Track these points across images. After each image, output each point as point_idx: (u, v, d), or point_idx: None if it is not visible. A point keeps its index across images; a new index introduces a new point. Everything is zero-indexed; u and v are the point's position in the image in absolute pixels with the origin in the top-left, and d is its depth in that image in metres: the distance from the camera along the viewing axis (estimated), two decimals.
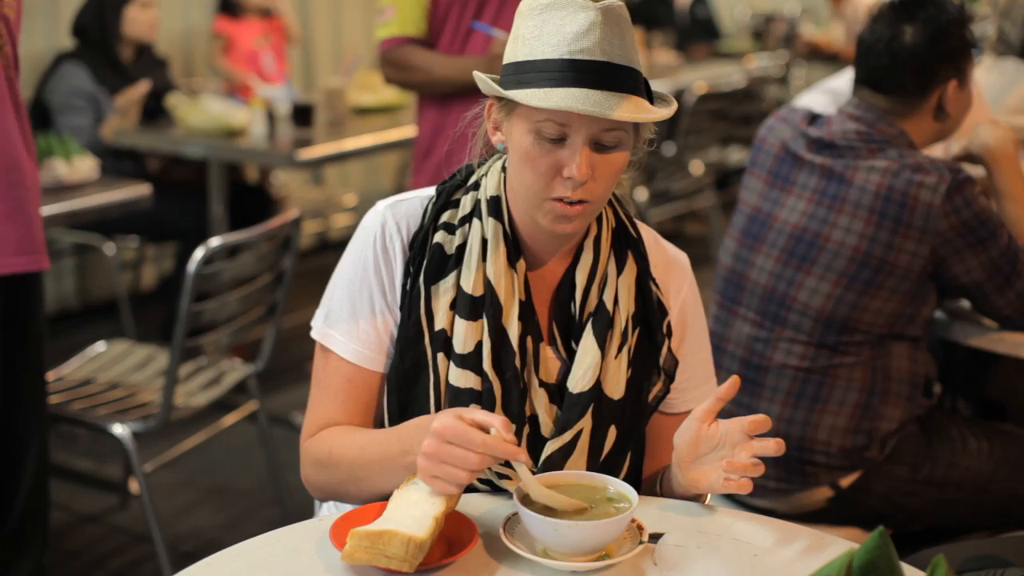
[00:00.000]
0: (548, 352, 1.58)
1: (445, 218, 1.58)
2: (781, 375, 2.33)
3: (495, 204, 1.56)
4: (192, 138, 4.17)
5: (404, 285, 1.57)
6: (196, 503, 3.45)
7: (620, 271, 1.59)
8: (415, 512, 1.34)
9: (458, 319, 1.53)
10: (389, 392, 1.58)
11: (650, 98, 1.49)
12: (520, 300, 1.55)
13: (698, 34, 7.32)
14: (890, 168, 2.23)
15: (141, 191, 3.39)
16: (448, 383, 1.53)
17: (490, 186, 1.58)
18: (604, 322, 1.56)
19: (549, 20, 1.44)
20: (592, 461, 1.56)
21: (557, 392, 1.56)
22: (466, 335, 1.53)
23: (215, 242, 2.69)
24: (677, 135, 5.32)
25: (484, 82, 1.50)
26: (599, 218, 1.60)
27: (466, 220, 1.57)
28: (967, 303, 2.38)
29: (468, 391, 1.52)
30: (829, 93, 3.26)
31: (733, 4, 8.43)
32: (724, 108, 5.64)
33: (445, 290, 1.55)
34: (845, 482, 2.32)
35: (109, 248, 4.35)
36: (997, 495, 2.34)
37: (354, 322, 1.58)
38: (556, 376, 1.58)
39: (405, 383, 1.56)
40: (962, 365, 2.76)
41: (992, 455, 2.34)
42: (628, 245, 1.62)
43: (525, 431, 1.54)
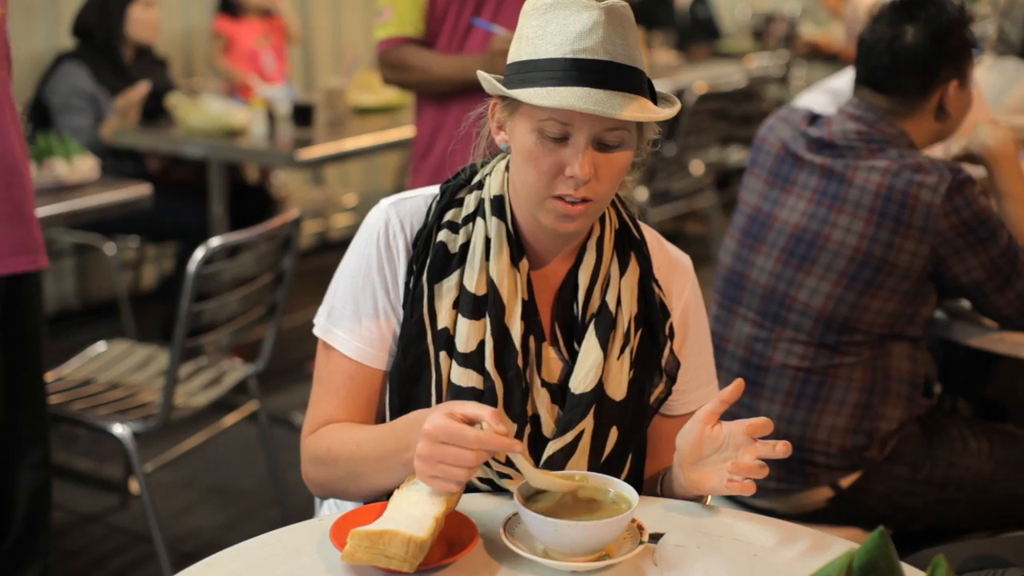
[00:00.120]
0: (550, 352, 1.58)
1: (449, 217, 1.58)
2: (781, 375, 2.33)
3: (498, 203, 1.57)
4: (192, 138, 4.17)
5: (407, 283, 1.57)
6: (196, 503, 3.45)
7: (623, 272, 1.59)
8: (415, 512, 1.34)
9: (461, 318, 1.53)
10: (391, 390, 1.58)
11: (654, 98, 1.49)
12: (523, 299, 1.55)
13: (698, 34, 7.31)
14: (890, 168, 2.23)
15: (141, 191, 3.39)
16: (450, 382, 1.53)
17: (494, 185, 1.58)
18: (607, 323, 1.56)
19: (553, 20, 1.44)
20: (593, 462, 1.56)
21: (559, 392, 1.56)
22: (468, 334, 1.53)
23: (215, 242, 2.69)
24: (677, 135, 5.32)
25: (487, 81, 1.50)
26: (602, 219, 1.60)
27: (470, 219, 1.57)
28: (967, 303, 2.38)
29: (470, 390, 1.52)
30: (829, 93, 3.27)
31: (733, 4, 8.42)
32: (724, 108, 5.64)
33: (448, 289, 1.55)
34: (845, 482, 2.32)
35: (109, 248, 4.35)
36: (997, 495, 2.34)
37: (357, 319, 1.58)
38: (558, 376, 1.58)
39: (407, 381, 1.56)
40: (962, 365, 2.76)
41: (992, 455, 2.34)
42: (631, 246, 1.62)
43: (527, 431, 1.55)
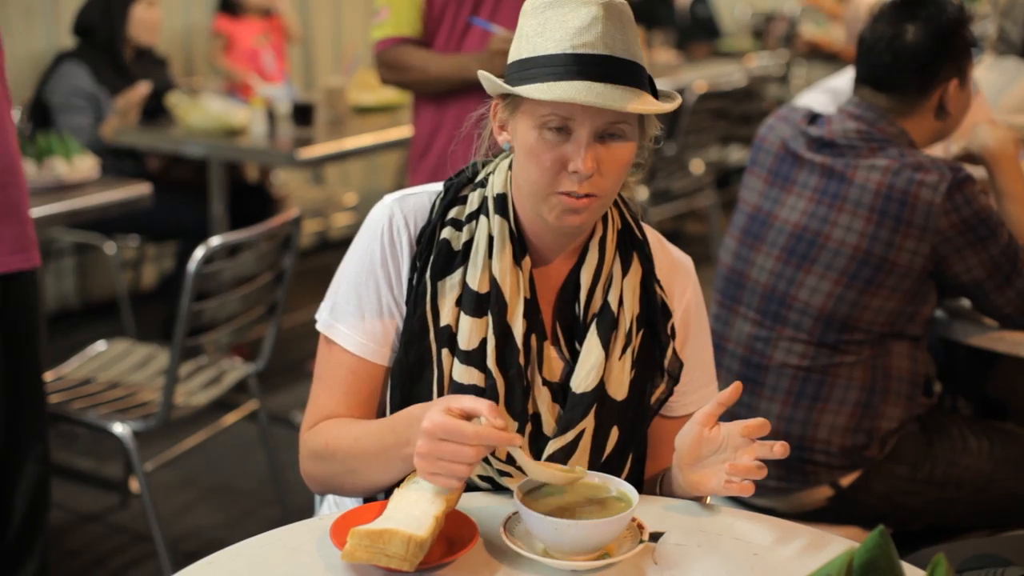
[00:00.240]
0: (551, 351, 1.58)
1: (453, 214, 1.58)
2: (781, 374, 2.33)
3: (501, 202, 1.57)
4: (192, 137, 4.17)
5: (410, 280, 1.57)
6: (196, 502, 3.45)
7: (625, 272, 1.59)
8: (415, 511, 1.34)
9: (463, 315, 1.54)
10: (392, 387, 1.58)
11: (654, 93, 1.49)
12: (525, 298, 1.55)
13: (698, 33, 7.31)
14: (891, 167, 2.23)
15: (141, 190, 3.39)
16: (452, 379, 1.53)
17: (497, 183, 1.58)
18: (608, 323, 1.56)
19: (552, 17, 1.45)
20: (594, 461, 1.56)
21: (560, 391, 1.57)
22: (471, 332, 1.53)
23: (215, 241, 2.69)
24: (677, 134, 5.32)
25: (488, 80, 1.50)
26: (605, 219, 1.60)
27: (473, 217, 1.57)
28: (967, 302, 2.38)
29: (471, 387, 1.52)
30: (829, 92, 3.27)
31: (733, 3, 8.43)
32: (724, 107, 5.64)
33: (451, 286, 1.55)
34: (845, 481, 2.32)
35: (109, 247, 4.35)
36: (997, 494, 2.34)
37: (359, 315, 1.58)
38: (559, 375, 1.58)
39: (409, 378, 1.56)
40: (963, 364, 2.76)
41: (992, 454, 2.34)
42: (633, 246, 1.62)
43: (527, 429, 1.55)
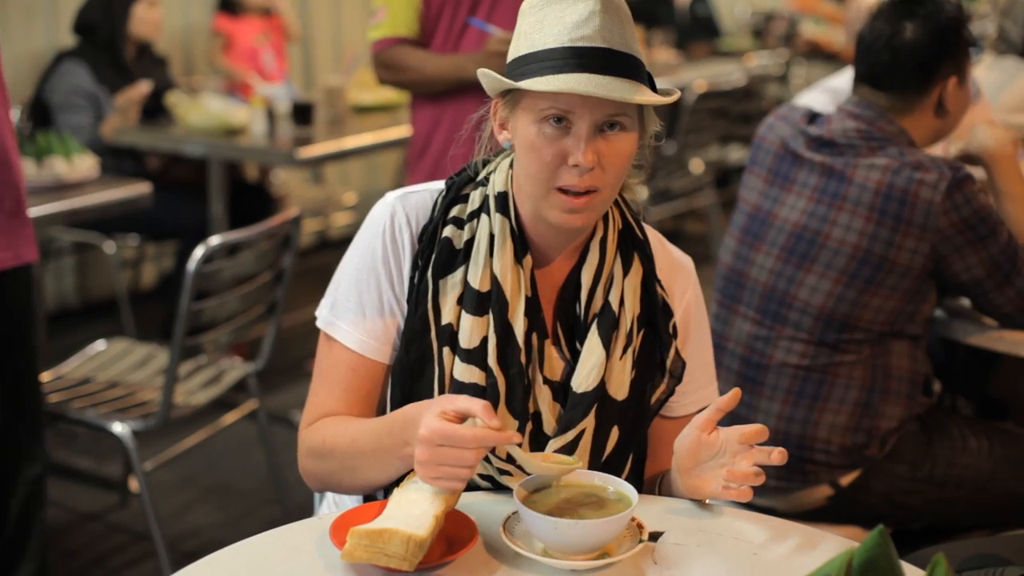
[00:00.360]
0: (552, 350, 1.58)
1: (454, 213, 1.58)
2: (781, 373, 2.33)
3: (502, 200, 1.57)
4: (192, 136, 4.17)
5: (412, 278, 1.57)
6: (196, 502, 3.45)
7: (626, 272, 1.59)
8: (415, 511, 1.34)
9: (464, 314, 1.54)
10: (393, 385, 1.58)
11: (653, 87, 1.50)
12: (526, 296, 1.55)
13: (698, 32, 7.31)
14: (890, 166, 2.23)
15: (141, 190, 3.39)
16: (453, 377, 1.53)
17: (498, 182, 1.58)
18: (609, 322, 1.56)
19: (550, 14, 1.46)
20: (594, 461, 1.56)
21: (560, 390, 1.57)
22: (472, 330, 1.53)
23: (215, 240, 2.69)
24: (677, 133, 5.32)
25: (487, 77, 1.50)
26: (605, 219, 1.60)
27: (475, 215, 1.58)
28: (967, 301, 2.38)
29: (472, 386, 1.52)
30: (829, 92, 3.26)
31: (733, 2, 8.42)
32: (724, 106, 5.64)
33: (453, 285, 1.55)
34: (845, 480, 2.32)
35: (109, 247, 4.35)
36: (997, 494, 2.34)
37: (360, 312, 1.58)
38: (560, 374, 1.58)
39: (410, 376, 1.56)
40: (963, 363, 2.76)
41: (992, 454, 2.34)
42: (634, 246, 1.62)
43: (528, 428, 1.55)
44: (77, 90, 4.31)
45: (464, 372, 1.53)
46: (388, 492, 1.56)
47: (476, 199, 1.59)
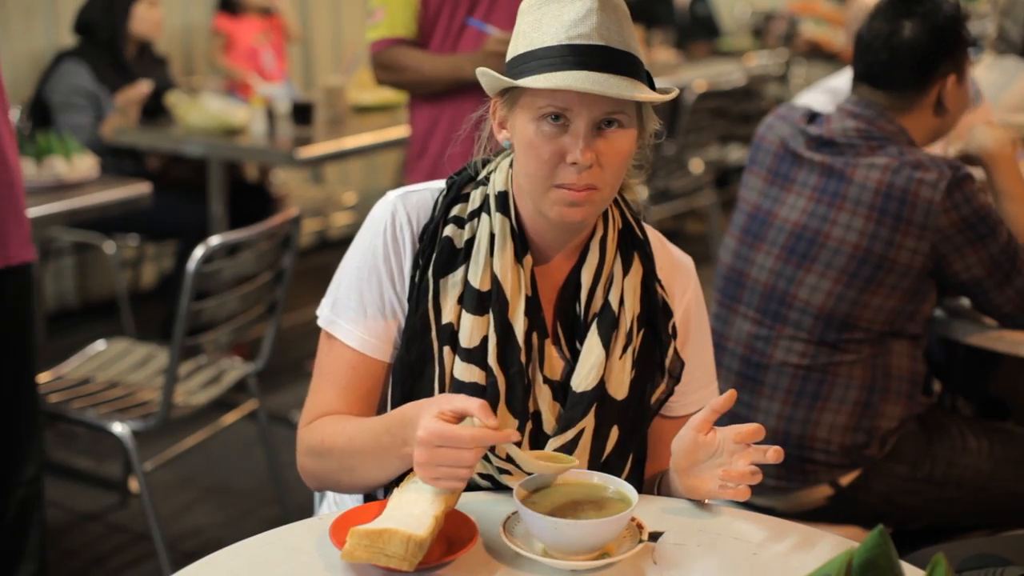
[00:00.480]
0: (552, 349, 1.59)
1: (455, 212, 1.58)
2: (781, 373, 2.33)
3: (502, 199, 1.57)
4: (192, 136, 4.17)
5: (413, 277, 1.57)
6: (196, 502, 3.45)
7: (626, 272, 1.60)
8: (415, 511, 1.34)
9: (464, 313, 1.54)
10: (394, 384, 1.58)
11: (651, 85, 1.50)
12: (526, 295, 1.55)
13: (698, 32, 7.31)
14: (890, 165, 2.23)
15: (141, 190, 3.39)
16: (453, 377, 1.53)
17: (498, 182, 1.59)
18: (609, 322, 1.56)
19: (548, 12, 1.47)
20: (594, 460, 1.56)
21: (560, 389, 1.57)
22: (472, 329, 1.53)
23: (215, 240, 2.69)
24: (677, 133, 5.32)
25: (486, 75, 1.50)
26: (605, 219, 1.60)
27: (475, 215, 1.58)
28: (967, 301, 2.38)
29: (472, 385, 1.52)
30: (829, 92, 3.26)
31: (733, 2, 8.42)
32: (724, 106, 5.64)
33: (454, 284, 1.55)
34: (845, 480, 2.32)
35: (109, 247, 4.34)
36: (997, 494, 2.34)
37: (361, 310, 1.58)
38: (560, 374, 1.58)
39: (410, 375, 1.56)
40: (963, 363, 2.76)
41: (992, 454, 2.34)
42: (634, 246, 1.62)
43: (528, 427, 1.55)
44: (77, 90, 4.31)
45: (464, 371, 1.53)
46: (388, 492, 1.56)
47: (476, 198, 1.59)
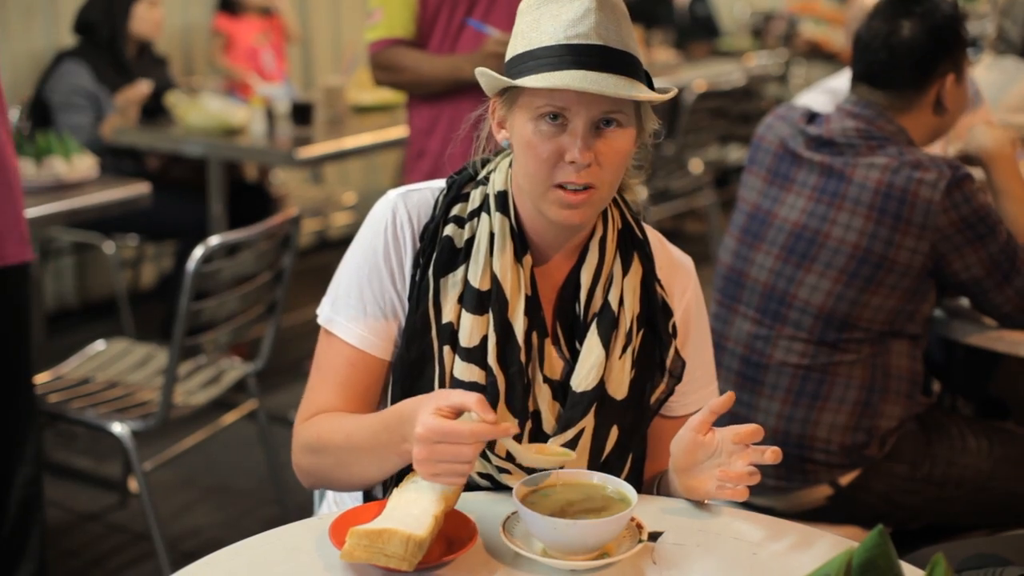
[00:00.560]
0: (552, 349, 1.59)
1: (455, 211, 1.58)
2: (781, 373, 2.33)
3: (502, 199, 1.57)
4: (191, 136, 4.17)
5: (413, 276, 1.57)
6: (195, 502, 3.45)
7: (626, 272, 1.60)
8: (414, 510, 1.34)
9: (464, 313, 1.54)
10: (394, 383, 1.58)
11: (650, 85, 1.50)
12: (526, 295, 1.55)
13: (697, 32, 7.31)
14: (890, 165, 2.23)
15: (140, 190, 3.39)
16: (453, 376, 1.53)
17: (498, 181, 1.59)
18: (608, 322, 1.56)
19: (546, 13, 1.47)
20: (593, 460, 1.56)
21: (560, 389, 1.57)
22: (472, 329, 1.53)
23: (214, 240, 2.69)
24: (676, 133, 5.32)
25: (485, 75, 1.50)
26: (605, 219, 1.60)
27: (475, 214, 1.58)
28: (967, 301, 2.38)
29: (472, 385, 1.52)
30: (829, 93, 3.26)
31: (732, 2, 8.42)
32: (723, 106, 5.64)
33: (454, 284, 1.55)
34: (844, 480, 2.32)
35: (108, 247, 4.34)
36: (996, 493, 2.34)
37: (361, 308, 1.58)
38: (560, 373, 1.58)
39: (410, 374, 1.56)
40: (963, 363, 2.76)
41: (992, 453, 2.34)
42: (634, 246, 1.62)
43: (528, 426, 1.55)
44: (77, 90, 4.30)
45: (464, 371, 1.53)
46: (387, 491, 1.56)
47: (476, 198, 1.59)
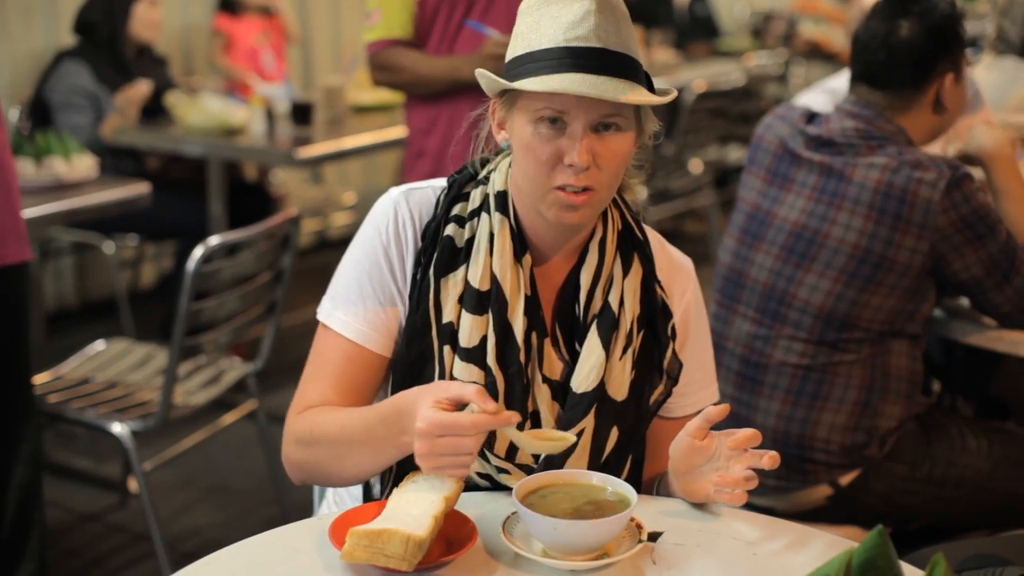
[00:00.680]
0: (552, 350, 1.58)
1: (456, 211, 1.58)
2: (781, 373, 2.33)
3: (502, 199, 1.57)
4: (191, 136, 4.17)
5: (415, 275, 1.57)
6: (195, 502, 3.45)
7: (626, 273, 1.59)
8: (414, 511, 1.34)
9: (464, 313, 1.54)
10: (393, 382, 1.57)
11: (650, 87, 1.50)
12: (526, 295, 1.55)
13: (697, 32, 7.31)
14: (889, 165, 2.23)
15: (140, 190, 3.39)
16: (452, 376, 1.53)
17: (498, 181, 1.59)
18: (609, 323, 1.56)
19: (546, 14, 1.47)
20: (593, 461, 1.56)
21: (560, 389, 1.57)
22: (471, 329, 1.53)
23: (214, 240, 2.69)
24: (676, 133, 5.32)
25: (484, 77, 1.50)
26: (605, 219, 1.60)
27: (475, 214, 1.58)
28: (966, 301, 2.38)
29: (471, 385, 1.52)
30: (829, 93, 3.26)
31: (732, 2, 8.42)
32: (723, 106, 5.64)
33: (455, 283, 1.55)
34: (844, 480, 2.32)
35: (108, 247, 4.34)
36: (996, 494, 2.34)
37: (360, 302, 1.57)
38: (560, 374, 1.58)
39: (410, 374, 1.56)
40: (963, 363, 2.76)
41: (991, 454, 2.34)
42: (634, 247, 1.62)
43: (527, 426, 1.55)
44: (77, 90, 4.30)
45: (463, 371, 1.53)
46: (385, 489, 1.56)
47: (477, 197, 1.59)
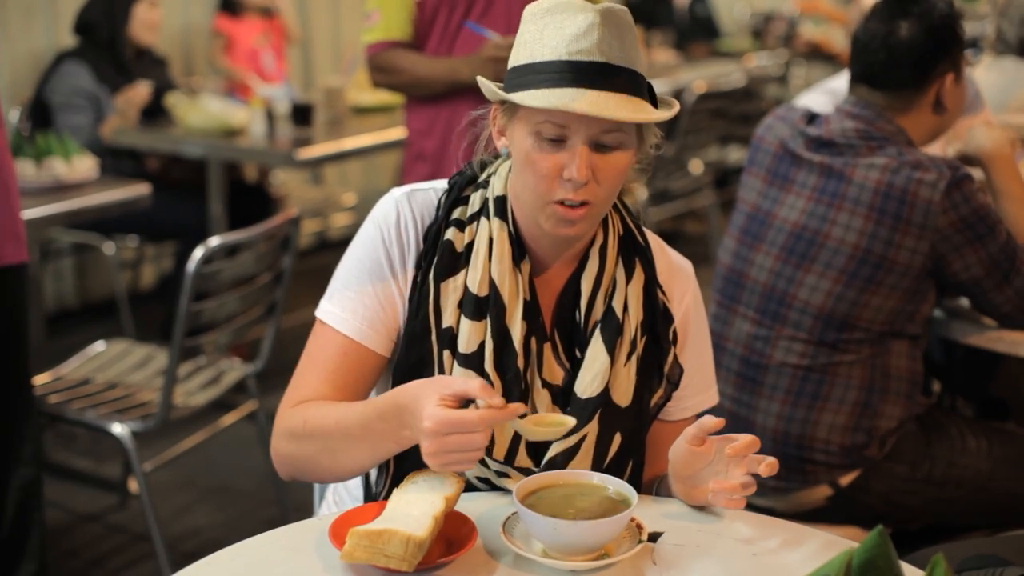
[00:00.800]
0: (552, 355, 1.58)
1: (456, 215, 1.58)
2: (781, 373, 2.33)
3: (500, 204, 1.57)
4: (191, 137, 4.17)
5: (415, 278, 1.57)
6: (195, 502, 3.45)
7: (629, 279, 1.59)
8: (414, 511, 1.34)
9: (463, 318, 1.53)
10: (393, 386, 1.57)
11: (653, 100, 1.49)
12: (525, 300, 1.55)
13: (697, 33, 7.31)
14: (889, 165, 2.23)
15: (140, 190, 3.39)
16: None
17: (497, 186, 1.58)
18: (613, 329, 1.56)
19: (550, 24, 1.45)
20: (596, 466, 1.55)
21: (560, 394, 1.56)
22: (470, 335, 1.53)
23: (214, 241, 2.69)
24: (676, 134, 5.32)
25: (485, 86, 1.50)
26: (605, 225, 1.60)
27: (474, 218, 1.58)
28: (966, 302, 2.38)
29: None
30: (829, 93, 3.26)
31: (732, 3, 8.42)
32: (723, 107, 5.64)
33: (454, 288, 1.55)
34: (844, 480, 2.32)
35: (108, 247, 4.34)
36: (996, 494, 2.34)
37: (358, 299, 1.57)
38: (560, 379, 1.57)
39: (409, 378, 1.55)
40: (963, 364, 2.76)
41: (991, 454, 2.34)
42: (636, 252, 1.62)
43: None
44: (78, 90, 4.31)
45: (461, 376, 1.52)
46: (379, 487, 1.56)
47: (476, 201, 1.59)
